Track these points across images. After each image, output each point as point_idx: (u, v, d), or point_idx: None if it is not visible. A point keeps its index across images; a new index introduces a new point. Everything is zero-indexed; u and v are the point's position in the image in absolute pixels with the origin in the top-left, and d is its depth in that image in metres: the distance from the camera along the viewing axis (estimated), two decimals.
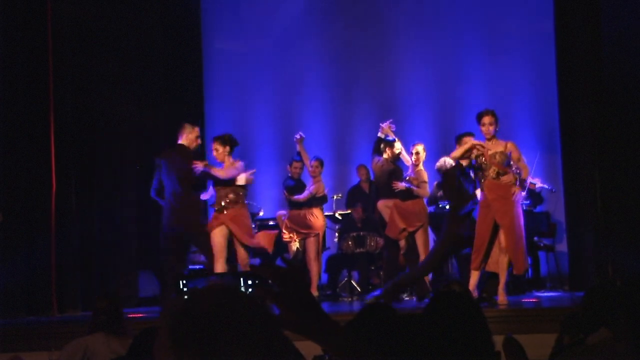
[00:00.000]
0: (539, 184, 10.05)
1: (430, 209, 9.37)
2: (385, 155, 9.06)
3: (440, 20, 11.66)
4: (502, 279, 7.81)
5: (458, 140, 8.61)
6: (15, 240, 8.96)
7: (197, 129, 8.52)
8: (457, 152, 7.97)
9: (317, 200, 9.36)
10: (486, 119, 7.85)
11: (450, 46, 11.57)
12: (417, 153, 8.97)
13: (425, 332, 2.13)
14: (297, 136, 9.39)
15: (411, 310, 7.33)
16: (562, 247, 10.43)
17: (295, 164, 9.53)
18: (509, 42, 11.48)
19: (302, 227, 9.30)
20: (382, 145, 9.08)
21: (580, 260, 9.77)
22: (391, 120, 9.22)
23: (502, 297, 7.76)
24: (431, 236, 9.33)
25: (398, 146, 9.06)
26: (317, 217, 9.32)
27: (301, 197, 9.29)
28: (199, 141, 8.55)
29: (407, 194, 8.88)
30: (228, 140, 8.49)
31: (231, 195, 8.35)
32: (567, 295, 9.34)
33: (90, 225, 9.60)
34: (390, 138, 9.05)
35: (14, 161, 9.10)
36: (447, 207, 9.58)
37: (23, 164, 9.16)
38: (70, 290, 9.26)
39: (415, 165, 8.98)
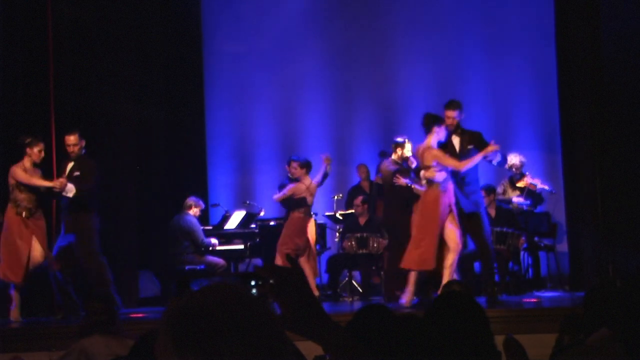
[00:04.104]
0: (539, 185, 10.01)
1: None
2: (394, 156, 9.08)
3: (440, 20, 11.64)
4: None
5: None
6: None
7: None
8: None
9: (296, 203, 9.28)
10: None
11: (450, 46, 11.56)
12: None
13: (428, 333, 2.13)
14: (325, 157, 9.32)
15: (412, 311, 7.32)
16: (563, 247, 10.41)
17: (293, 164, 9.49)
18: (509, 42, 11.47)
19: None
20: (392, 145, 9.12)
21: (581, 261, 9.76)
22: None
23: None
24: None
25: (409, 147, 9.05)
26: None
27: (276, 195, 9.38)
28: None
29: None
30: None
31: None
32: (568, 295, 9.34)
33: None
34: (400, 140, 9.07)
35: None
36: None
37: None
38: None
39: None
